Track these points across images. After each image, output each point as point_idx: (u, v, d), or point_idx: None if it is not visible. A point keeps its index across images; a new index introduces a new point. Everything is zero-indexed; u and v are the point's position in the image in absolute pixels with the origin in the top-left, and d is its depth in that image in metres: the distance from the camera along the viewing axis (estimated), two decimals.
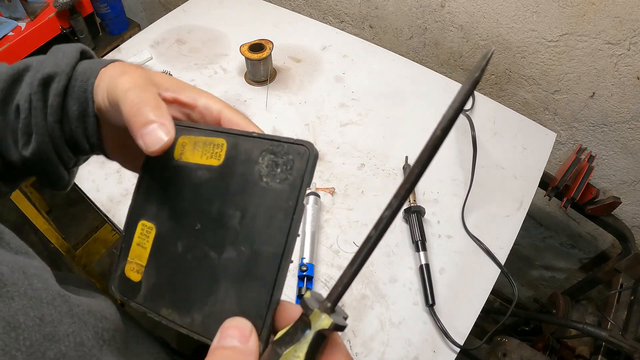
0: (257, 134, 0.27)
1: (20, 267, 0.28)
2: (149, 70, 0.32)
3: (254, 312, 0.24)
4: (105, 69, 0.33)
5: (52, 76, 0.33)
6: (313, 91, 0.95)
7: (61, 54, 0.35)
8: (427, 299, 0.65)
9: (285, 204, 0.25)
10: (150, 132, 0.26)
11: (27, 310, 0.26)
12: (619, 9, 0.78)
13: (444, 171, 0.82)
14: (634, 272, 0.92)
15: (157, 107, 0.27)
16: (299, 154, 0.25)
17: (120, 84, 0.29)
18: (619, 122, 0.93)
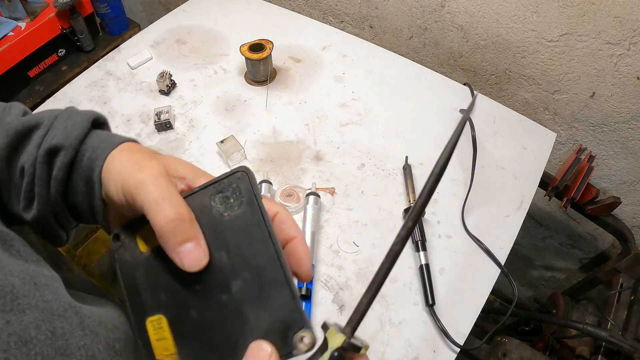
0: (199, 187, 0.30)
1: (31, 278, 0.27)
2: (161, 157, 0.32)
3: (287, 311, 0.26)
4: (114, 153, 0.33)
5: (59, 148, 0.33)
6: (313, 91, 0.95)
7: (71, 122, 0.34)
8: (427, 299, 0.65)
9: (253, 219, 0.28)
10: (189, 253, 0.27)
11: (38, 323, 0.26)
12: (619, 9, 0.78)
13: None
14: (634, 272, 0.92)
15: (192, 222, 0.28)
16: (239, 179, 0.28)
17: (144, 188, 0.28)
18: (619, 122, 0.93)
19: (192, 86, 0.96)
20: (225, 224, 0.28)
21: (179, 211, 0.27)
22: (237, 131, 0.87)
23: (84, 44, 1.34)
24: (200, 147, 0.85)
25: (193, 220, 0.28)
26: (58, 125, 0.34)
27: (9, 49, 1.15)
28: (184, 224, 0.27)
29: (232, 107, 0.92)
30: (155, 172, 0.29)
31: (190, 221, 0.28)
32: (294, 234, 0.31)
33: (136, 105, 0.92)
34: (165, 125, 0.87)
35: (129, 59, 0.99)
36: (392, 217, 0.76)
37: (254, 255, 0.27)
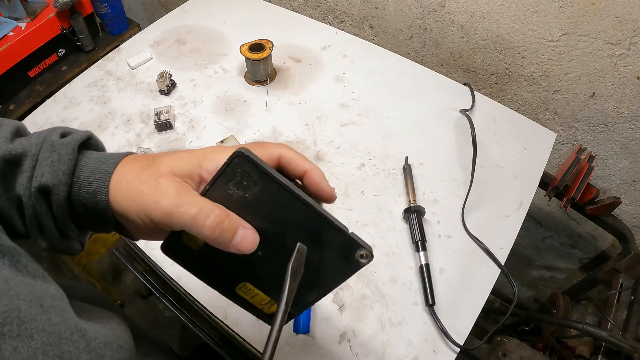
0: (210, 183, 0.32)
1: (37, 300, 0.27)
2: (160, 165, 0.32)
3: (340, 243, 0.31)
4: (114, 183, 0.33)
5: (50, 187, 0.32)
6: (313, 91, 0.95)
7: (57, 156, 0.33)
8: (427, 299, 0.65)
9: (273, 189, 0.30)
10: (241, 243, 0.30)
11: (46, 348, 0.25)
12: (619, 9, 0.78)
13: (444, 171, 0.82)
14: (634, 272, 0.92)
15: (229, 217, 0.30)
16: (240, 164, 0.30)
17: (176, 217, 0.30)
18: (619, 122, 0.93)
19: (192, 86, 0.96)
20: (252, 202, 0.31)
21: (216, 217, 0.29)
22: (237, 131, 0.87)
23: (84, 44, 1.34)
24: (200, 147, 0.84)
25: (229, 214, 0.30)
26: (44, 159, 0.33)
27: (9, 49, 1.15)
28: (225, 224, 0.30)
29: (232, 107, 0.92)
30: (173, 195, 0.30)
31: (228, 217, 0.30)
32: (303, 168, 0.33)
33: (136, 105, 0.92)
34: (165, 125, 0.87)
35: (129, 59, 0.99)
36: (392, 217, 0.76)
37: (291, 215, 0.31)
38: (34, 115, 0.90)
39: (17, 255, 0.30)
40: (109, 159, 0.35)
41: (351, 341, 0.63)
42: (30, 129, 0.38)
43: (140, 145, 0.85)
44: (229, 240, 0.30)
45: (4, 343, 0.23)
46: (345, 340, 0.63)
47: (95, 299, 0.45)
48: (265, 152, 0.33)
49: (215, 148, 0.34)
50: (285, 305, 0.30)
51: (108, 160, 0.34)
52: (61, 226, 0.35)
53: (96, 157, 0.35)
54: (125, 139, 0.86)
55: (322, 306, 0.66)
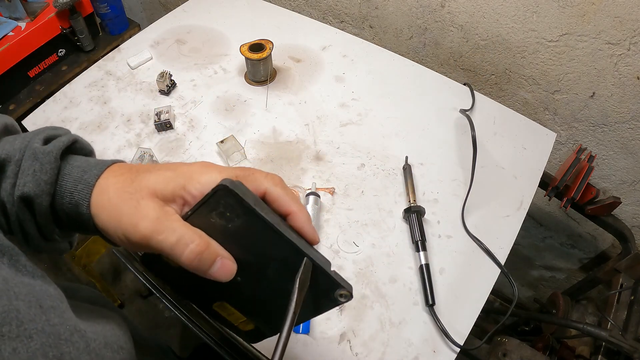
0: (193, 209, 0.31)
1: (36, 300, 0.27)
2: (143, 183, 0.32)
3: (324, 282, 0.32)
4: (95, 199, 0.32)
5: (32, 197, 0.32)
6: (313, 91, 0.95)
7: (39, 165, 0.32)
8: (427, 299, 0.65)
9: (257, 224, 0.30)
10: (219, 271, 0.30)
11: (45, 349, 0.25)
12: (619, 9, 0.78)
13: (444, 171, 0.82)
14: (634, 272, 0.92)
15: (209, 246, 0.30)
16: (224, 196, 0.30)
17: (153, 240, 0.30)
18: (619, 122, 0.93)
19: (192, 86, 0.96)
20: (234, 232, 0.30)
21: (195, 247, 0.29)
22: (237, 131, 0.87)
23: (84, 44, 1.34)
24: (200, 147, 0.85)
25: (209, 243, 0.30)
26: (26, 167, 0.33)
27: (9, 49, 1.15)
28: (205, 253, 0.29)
29: (232, 107, 0.92)
30: (152, 220, 0.30)
31: (207, 247, 0.30)
32: (288, 209, 0.33)
33: (136, 105, 0.92)
34: (165, 125, 0.87)
35: (129, 59, 0.99)
36: (392, 217, 0.76)
37: (274, 250, 0.31)
38: (34, 115, 0.90)
39: (16, 254, 0.30)
40: (92, 168, 0.34)
41: (351, 341, 0.63)
42: (30, 128, 0.38)
43: (140, 145, 0.85)
44: (207, 270, 0.30)
45: (3, 344, 0.23)
46: (345, 340, 0.63)
47: (95, 299, 0.45)
48: (252, 185, 0.32)
49: (201, 167, 0.33)
50: (292, 315, 0.30)
51: (91, 169, 0.34)
52: (45, 232, 0.35)
53: (79, 165, 0.34)
54: (125, 139, 0.86)
55: None
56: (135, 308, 1.62)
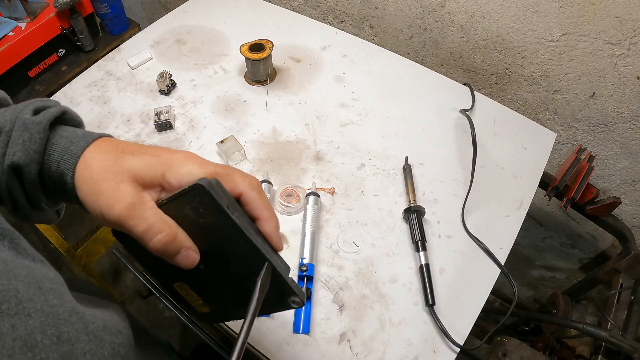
0: (169, 198, 0.33)
1: (36, 282, 0.27)
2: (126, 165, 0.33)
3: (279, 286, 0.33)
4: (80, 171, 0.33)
5: (21, 166, 0.33)
6: (313, 91, 0.95)
7: (28, 135, 0.34)
8: (427, 299, 0.65)
9: (227, 225, 0.31)
10: (183, 259, 0.32)
11: (44, 327, 0.25)
12: (619, 9, 0.78)
13: (444, 171, 0.82)
14: (634, 272, 0.92)
15: (176, 237, 0.31)
16: (200, 193, 0.31)
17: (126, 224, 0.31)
18: (619, 122, 0.93)
19: (192, 86, 0.96)
20: (204, 227, 0.32)
21: (163, 237, 0.31)
22: (237, 131, 0.87)
23: (84, 44, 1.34)
24: (200, 147, 0.85)
25: (177, 234, 0.31)
26: (16, 137, 0.34)
27: (9, 49, 1.15)
28: (171, 244, 0.31)
29: (232, 107, 0.92)
30: (127, 204, 0.31)
31: (175, 238, 0.31)
32: (258, 214, 0.34)
33: (136, 105, 0.92)
34: (165, 125, 0.87)
35: (129, 59, 0.99)
36: (392, 217, 0.76)
37: (239, 250, 0.32)
38: None
39: (17, 238, 0.30)
40: (79, 139, 0.35)
41: (351, 341, 0.63)
42: None
43: None
44: (171, 257, 0.31)
45: (2, 320, 0.23)
46: (345, 340, 0.63)
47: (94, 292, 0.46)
48: (229, 185, 0.33)
49: (184, 157, 0.34)
50: (252, 315, 0.32)
51: (78, 141, 0.35)
52: (33, 200, 0.36)
53: (67, 135, 0.35)
54: (125, 139, 0.86)
55: (322, 306, 0.66)
56: (135, 308, 1.62)
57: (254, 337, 0.63)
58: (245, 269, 0.33)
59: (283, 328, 0.63)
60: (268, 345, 0.62)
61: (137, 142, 0.86)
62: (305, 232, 0.70)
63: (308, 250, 0.68)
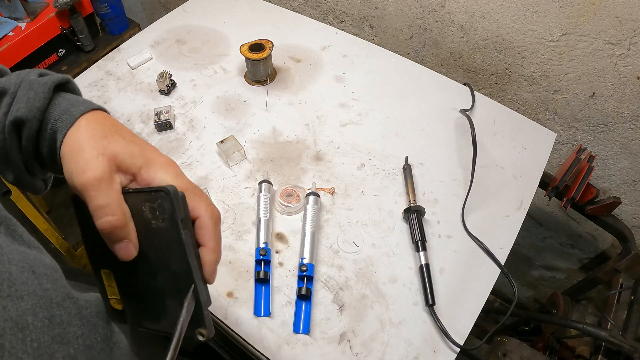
0: (135, 189, 0.34)
1: (30, 266, 0.28)
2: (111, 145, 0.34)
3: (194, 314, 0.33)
4: (72, 131, 0.35)
5: (23, 120, 0.35)
6: (313, 91, 0.95)
7: (33, 93, 0.36)
8: (427, 299, 0.65)
9: (173, 236, 0.32)
10: (122, 249, 0.32)
11: (36, 310, 0.26)
12: (619, 9, 0.78)
13: (444, 171, 0.82)
14: (634, 272, 0.92)
15: (125, 227, 0.32)
16: (163, 197, 0.32)
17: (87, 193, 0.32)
18: (619, 122, 0.93)
19: (192, 86, 0.96)
20: (153, 230, 0.33)
21: (113, 220, 0.31)
22: (237, 131, 0.87)
23: (84, 44, 1.34)
24: (200, 147, 0.85)
25: (127, 224, 0.32)
26: (21, 95, 0.36)
27: (9, 49, 1.15)
28: (118, 230, 0.31)
29: (232, 107, 0.92)
30: (97, 176, 0.32)
31: (124, 226, 0.32)
32: (205, 242, 0.35)
33: (136, 105, 0.92)
34: (165, 125, 0.87)
35: (129, 59, 0.99)
36: (392, 217, 0.76)
37: (173, 263, 0.33)
38: None
39: (14, 225, 0.31)
40: (80, 104, 0.37)
41: (351, 341, 0.63)
42: None
43: None
44: (112, 243, 0.32)
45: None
46: (345, 340, 0.63)
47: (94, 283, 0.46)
48: (192, 204, 0.34)
49: (164, 162, 0.36)
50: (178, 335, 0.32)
51: (78, 106, 0.36)
52: (27, 161, 0.38)
53: (69, 99, 0.37)
54: None
55: (322, 306, 0.66)
56: None
57: (254, 337, 0.63)
58: (171, 285, 0.33)
59: (283, 328, 0.63)
60: (268, 345, 0.62)
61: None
62: (305, 232, 0.70)
63: (308, 250, 0.68)
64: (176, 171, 0.36)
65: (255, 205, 0.75)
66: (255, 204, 0.76)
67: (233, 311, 0.65)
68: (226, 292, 0.67)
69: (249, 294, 0.66)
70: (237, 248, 0.71)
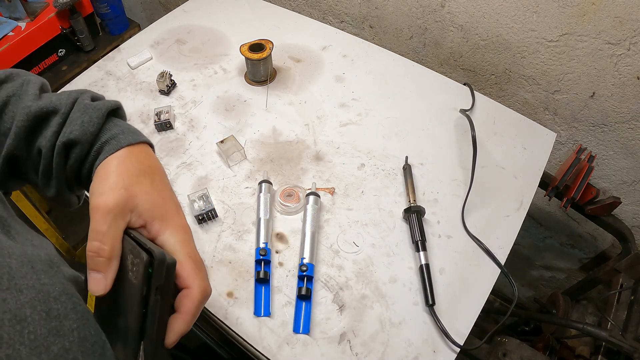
0: (134, 235, 0.35)
1: (29, 262, 0.29)
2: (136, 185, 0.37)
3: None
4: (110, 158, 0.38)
5: (76, 142, 0.39)
6: (313, 91, 0.95)
7: (88, 118, 0.39)
8: (427, 299, 0.65)
9: (137, 297, 0.33)
10: (93, 281, 0.33)
11: (34, 303, 0.27)
12: (619, 9, 0.78)
13: (444, 171, 0.82)
14: (634, 272, 0.92)
15: (108, 260, 0.33)
16: (148, 259, 0.33)
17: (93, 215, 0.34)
18: (619, 122, 0.93)
19: (192, 86, 0.96)
20: (128, 281, 0.34)
21: (101, 248, 0.33)
22: (237, 131, 0.87)
23: (84, 44, 1.34)
24: (200, 147, 0.85)
25: (111, 260, 0.33)
26: (75, 118, 0.39)
27: (9, 49, 1.15)
28: (100, 259, 0.33)
29: (232, 107, 0.92)
30: (109, 205, 0.34)
31: (107, 259, 0.33)
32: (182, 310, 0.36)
33: (136, 105, 0.92)
34: (165, 125, 0.87)
35: (129, 59, 0.99)
36: (392, 217, 0.76)
37: (131, 319, 0.34)
38: None
39: (8, 225, 0.32)
40: (129, 134, 0.40)
41: (351, 341, 0.63)
42: None
43: None
44: (90, 270, 0.33)
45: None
46: (345, 340, 0.63)
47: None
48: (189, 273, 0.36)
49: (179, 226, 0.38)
50: None
51: (128, 135, 0.40)
52: (69, 179, 0.41)
53: (120, 125, 0.41)
54: None
55: (322, 306, 0.66)
56: None
57: (254, 337, 0.63)
58: (124, 335, 0.35)
59: (283, 328, 0.63)
60: (268, 345, 0.62)
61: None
62: (305, 232, 0.70)
63: (308, 250, 0.68)
64: (185, 238, 0.38)
65: (255, 205, 0.75)
66: (255, 204, 0.76)
67: (233, 311, 0.65)
68: (226, 292, 0.67)
69: (249, 294, 0.66)
70: (237, 248, 0.71)
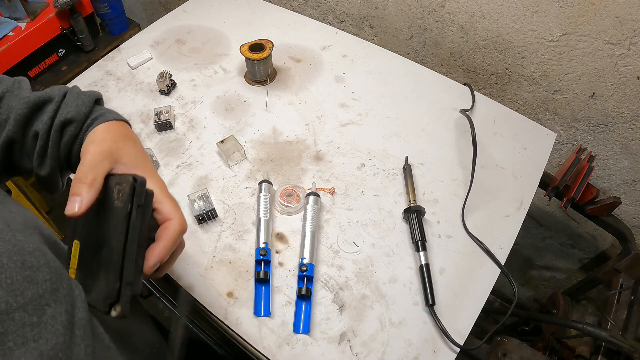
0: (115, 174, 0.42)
1: (5, 221, 0.33)
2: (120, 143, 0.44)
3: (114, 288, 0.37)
4: (99, 127, 0.46)
5: (72, 121, 0.45)
6: (313, 91, 0.95)
7: (81, 101, 0.47)
8: (427, 299, 0.65)
9: (122, 214, 0.38)
10: (70, 203, 0.38)
11: (10, 254, 0.30)
12: (619, 9, 0.78)
13: (444, 171, 0.82)
14: (634, 272, 0.92)
15: (89, 186, 0.38)
16: (131, 182, 0.39)
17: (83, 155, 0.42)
18: (619, 122, 0.93)
19: (192, 86, 0.96)
20: (113, 209, 0.39)
21: (85, 176, 0.39)
22: (237, 131, 0.87)
23: (84, 44, 1.34)
24: (200, 147, 0.85)
25: (91, 187, 0.38)
26: (70, 102, 0.46)
27: (9, 49, 1.15)
28: (81, 185, 0.38)
29: (232, 107, 0.92)
30: (98, 149, 0.42)
31: (88, 185, 0.38)
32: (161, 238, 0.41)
33: (136, 105, 0.92)
34: (165, 125, 0.87)
35: (129, 59, 0.99)
36: (392, 217, 0.76)
37: (114, 239, 0.38)
38: None
39: None
40: (113, 114, 0.49)
41: (351, 341, 0.63)
42: None
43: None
44: (71, 194, 0.38)
45: None
46: (345, 340, 0.63)
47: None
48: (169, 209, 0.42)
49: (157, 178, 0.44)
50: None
51: (112, 114, 0.48)
52: (62, 157, 0.46)
53: (105, 109, 0.49)
54: None
55: (322, 306, 0.66)
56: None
57: (254, 337, 0.63)
58: (107, 260, 0.38)
59: (283, 328, 0.63)
60: (268, 345, 0.62)
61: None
62: (305, 232, 0.70)
63: (308, 250, 0.68)
64: (164, 186, 0.44)
65: (255, 205, 0.75)
66: (255, 204, 0.76)
67: (233, 311, 0.65)
68: (226, 292, 0.67)
69: (249, 294, 0.66)
70: (237, 248, 0.71)
